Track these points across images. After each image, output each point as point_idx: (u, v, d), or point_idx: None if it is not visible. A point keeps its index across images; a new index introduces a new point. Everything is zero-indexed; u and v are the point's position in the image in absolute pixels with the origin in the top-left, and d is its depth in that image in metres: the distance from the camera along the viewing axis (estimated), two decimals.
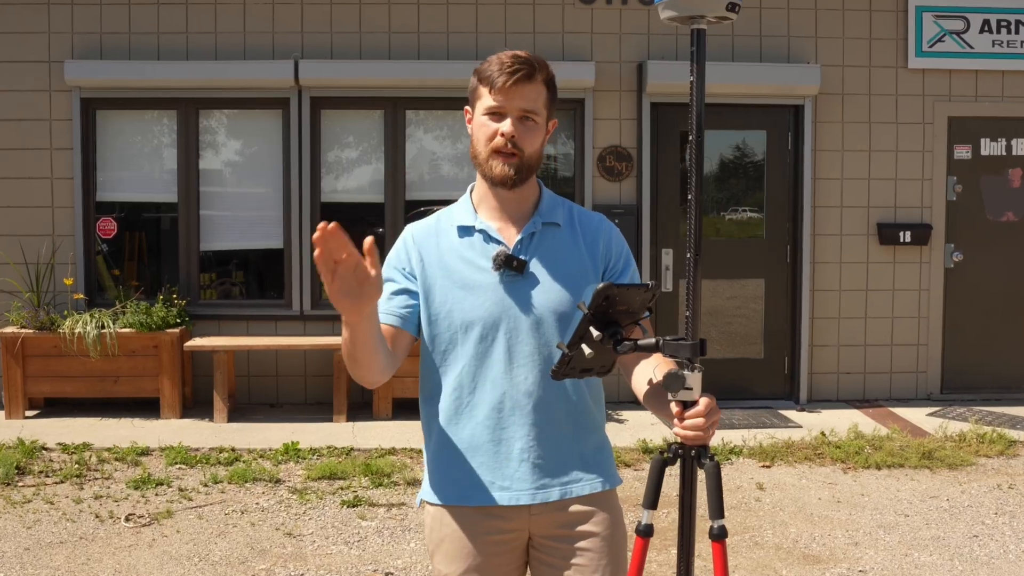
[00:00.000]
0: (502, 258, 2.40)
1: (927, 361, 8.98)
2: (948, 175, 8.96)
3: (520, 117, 2.39)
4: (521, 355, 2.41)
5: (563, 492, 2.44)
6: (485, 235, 2.46)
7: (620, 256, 2.55)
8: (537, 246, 2.47)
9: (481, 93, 2.41)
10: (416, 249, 2.48)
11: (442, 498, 2.47)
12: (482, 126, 2.41)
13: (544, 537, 2.46)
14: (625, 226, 8.53)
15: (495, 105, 2.38)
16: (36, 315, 8.14)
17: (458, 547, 2.45)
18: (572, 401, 2.46)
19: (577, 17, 8.68)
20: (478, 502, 2.43)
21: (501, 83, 2.36)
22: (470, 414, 2.43)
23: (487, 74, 2.39)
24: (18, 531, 5.55)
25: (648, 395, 2.39)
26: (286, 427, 7.86)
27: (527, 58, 2.39)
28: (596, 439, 2.53)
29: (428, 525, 2.53)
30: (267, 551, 5.28)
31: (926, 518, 5.86)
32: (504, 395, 2.41)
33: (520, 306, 2.41)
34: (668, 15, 2.16)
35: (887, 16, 8.83)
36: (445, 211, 2.56)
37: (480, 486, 2.43)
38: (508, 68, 2.36)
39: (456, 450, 2.45)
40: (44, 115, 8.53)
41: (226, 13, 8.57)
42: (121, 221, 8.79)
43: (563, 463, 2.45)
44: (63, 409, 8.39)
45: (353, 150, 8.90)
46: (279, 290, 8.83)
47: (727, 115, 8.84)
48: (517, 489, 2.42)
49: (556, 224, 2.51)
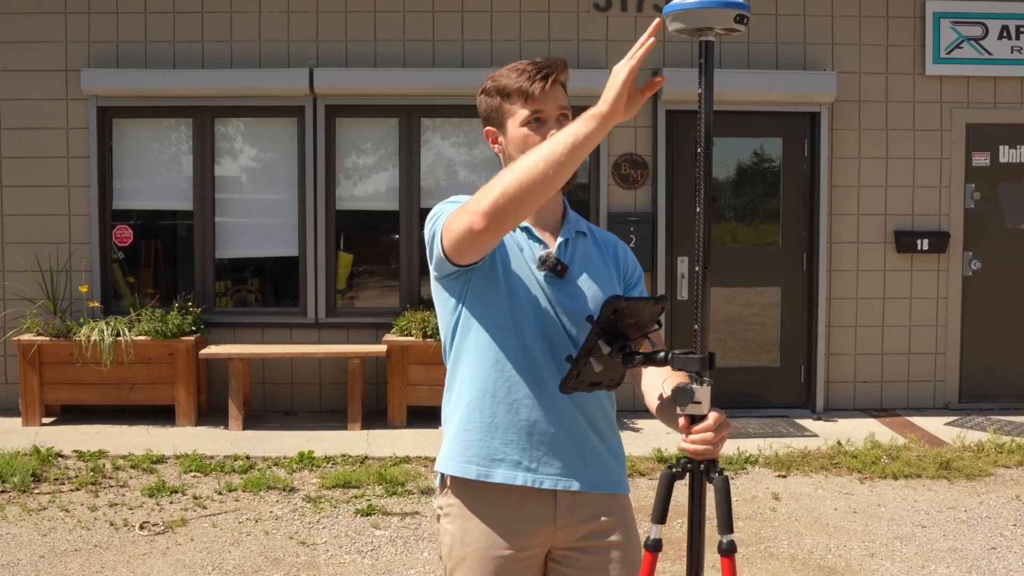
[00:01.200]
0: (551, 260, 2.42)
1: (945, 370, 8.92)
2: (966, 182, 8.90)
3: (558, 117, 2.42)
4: (555, 357, 2.40)
5: (584, 485, 2.44)
6: (529, 232, 2.48)
7: (635, 272, 2.61)
8: (574, 252, 2.51)
9: (510, 108, 2.43)
10: None
11: (463, 472, 2.43)
12: (526, 136, 2.41)
13: (564, 549, 2.46)
14: (640, 234, 8.52)
15: (535, 111, 2.40)
16: (52, 322, 8.18)
17: (479, 566, 2.43)
18: (601, 403, 2.48)
19: (592, 25, 8.67)
20: (500, 479, 2.41)
21: (539, 89, 2.38)
22: (506, 396, 2.41)
23: (516, 87, 2.41)
24: (33, 538, 5.57)
25: (660, 408, 2.38)
26: (301, 435, 7.86)
27: (544, 61, 2.43)
28: (617, 441, 2.56)
29: (447, 544, 2.49)
30: (280, 560, 5.28)
31: (943, 529, 5.81)
32: (536, 388, 2.40)
33: (558, 307, 2.43)
34: (676, 27, 2.14)
35: (904, 23, 8.79)
36: None
37: (505, 463, 2.41)
38: (538, 74, 2.39)
39: (485, 425, 2.43)
40: (61, 123, 8.58)
41: (241, 22, 8.60)
42: (137, 229, 8.83)
43: (587, 458, 2.45)
44: (79, 416, 8.42)
45: (368, 158, 8.91)
46: (294, 298, 8.84)
47: (743, 122, 8.82)
48: (542, 473, 2.41)
49: (584, 233, 2.56)
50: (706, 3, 2.09)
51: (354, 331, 8.67)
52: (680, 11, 2.12)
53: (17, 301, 8.53)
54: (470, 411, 2.45)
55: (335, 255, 8.80)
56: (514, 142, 2.43)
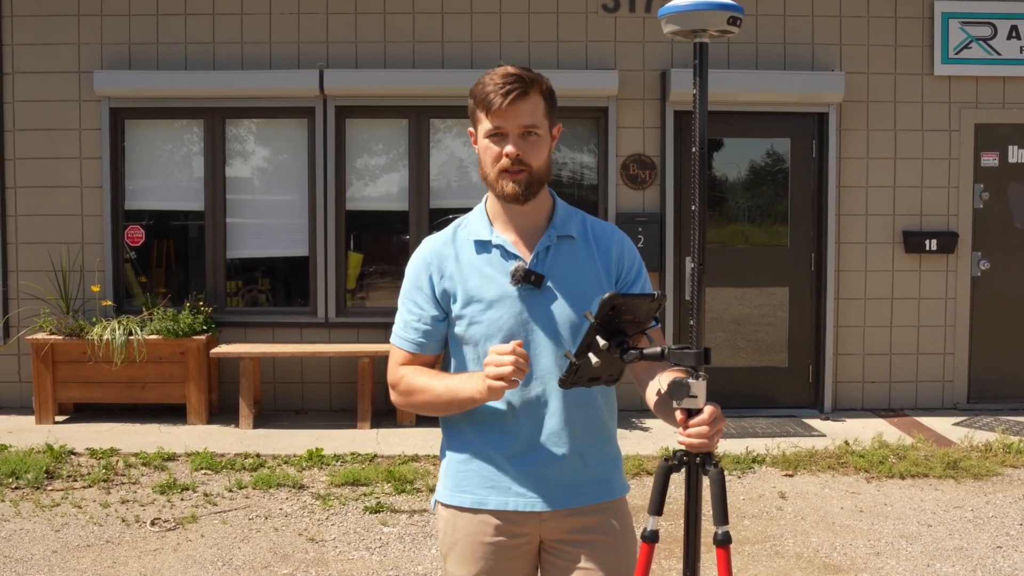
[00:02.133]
0: (521, 273, 2.44)
1: (953, 370, 8.92)
2: (975, 183, 8.91)
3: (522, 134, 2.42)
4: (539, 367, 2.46)
5: (576, 500, 2.49)
6: (503, 250, 2.50)
7: (632, 266, 2.58)
8: (553, 260, 2.51)
9: (480, 116, 2.45)
10: (436, 267, 2.53)
11: (457, 501, 2.52)
12: (486, 148, 2.45)
13: (555, 541, 2.51)
14: (648, 234, 8.55)
15: (495, 127, 2.42)
16: (65, 322, 8.25)
17: (471, 551, 2.49)
18: (588, 412, 2.51)
19: (600, 26, 8.71)
20: (492, 506, 2.48)
21: (497, 104, 2.38)
22: (488, 423, 2.48)
23: (482, 97, 2.41)
24: (47, 534, 5.64)
25: (658, 404, 2.42)
26: (311, 433, 7.92)
27: (519, 75, 2.41)
28: (609, 450, 2.59)
29: (441, 528, 2.58)
30: (290, 556, 5.33)
31: (949, 528, 5.83)
32: (522, 405, 2.46)
33: (538, 319, 2.46)
34: (671, 29, 2.19)
35: (912, 23, 8.80)
36: (461, 222, 2.60)
37: (495, 492, 2.48)
38: (502, 89, 2.38)
39: (473, 456, 2.51)
40: (74, 125, 8.66)
41: (252, 24, 8.67)
42: (149, 229, 8.90)
43: (577, 472, 2.50)
44: (91, 414, 8.50)
45: (378, 158, 8.97)
46: (304, 298, 8.90)
47: (751, 123, 8.85)
48: (532, 496, 2.47)
49: (571, 236, 2.54)
50: (700, 5, 2.14)
51: (364, 331, 8.72)
52: (675, 13, 2.16)
53: (30, 300, 8.61)
54: (458, 443, 2.55)
55: (345, 255, 8.86)
56: (480, 150, 2.49)
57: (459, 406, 2.43)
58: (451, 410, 2.47)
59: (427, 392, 2.48)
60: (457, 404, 2.42)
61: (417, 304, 2.53)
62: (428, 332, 2.54)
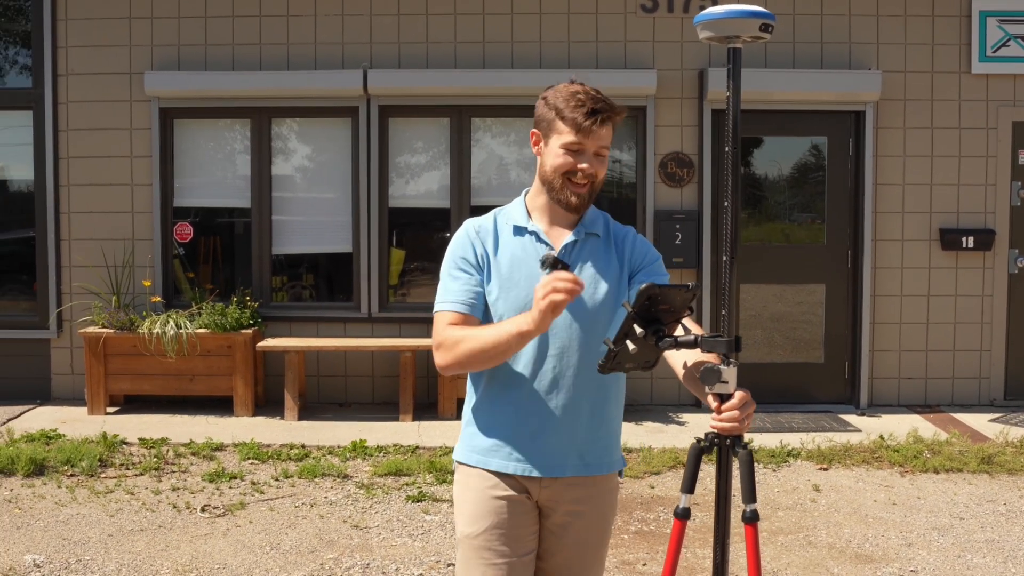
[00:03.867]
0: (550, 260, 2.61)
1: (990, 367, 8.95)
2: (1012, 180, 8.93)
3: (595, 153, 2.66)
4: (555, 347, 2.67)
5: (574, 470, 2.72)
6: (536, 237, 2.73)
7: (646, 256, 2.80)
8: (579, 252, 2.74)
9: (559, 127, 2.65)
10: (479, 241, 2.74)
11: (467, 459, 2.76)
12: (559, 157, 2.66)
13: (551, 507, 2.74)
14: (686, 232, 8.66)
15: (576, 142, 2.63)
16: (117, 316, 8.49)
17: (479, 507, 2.71)
18: (597, 392, 2.73)
19: (639, 26, 8.83)
20: (495, 468, 2.70)
21: (586, 126, 2.60)
22: (505, 394, 2.71)
23: (570, 115, 2.62)
24: (102, 519, 5.86)
25: (687, 376, 2.61)
26: (354, 425, 8.10)
27: (608, 103, 2.63)
28: (612, 427, 2.81)
29: (455, 489, 2.82)
30: (335, 542, 5.51)
31: (982, 521, 5.91)
32: (537, 379, 2.68)
33: None
34: (706, 35, 2.33)
35: (950, 21, 8.84)
36: (501, 211, 2.84)
37: (501, 455, 2.71)
38: (592, 112, 2.59)
39: (485, 420, 2.75)
40: (125, 124, 8.91)
41: (297, 25, 8.87)
42: (197, 226, 9.13)
43: (578, 446, 2.72)
44: (141, 406, 8.74)
45: (420, 156, 9.14)
46: (348, 293, 9.10)
47: (789, 121, 8.92)
48: (534, 463, 2.69)
49: (596, 234, 2.78)
50: (733, 13, 2.27)
51: (406, 325, 8.90)
52: (710, 21, 2.31)
53: (83, 295, 8.87)
54: (477, 408, 2.78)
55: (388, 252, 9.04)
56: (551, 155, 2.69)
57: (505, 346, 2.51)
58: (496, 355, 2.55)
59: (474, 338, 2.57)
60: (503, 343, 2.50)
61: (464, 270, 2.71)
62: (479, 295, 2.69)
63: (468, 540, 2.70)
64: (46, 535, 5.58)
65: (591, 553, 2.79)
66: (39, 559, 5.21)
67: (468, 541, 2.70)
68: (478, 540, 2.68)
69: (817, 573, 5.11)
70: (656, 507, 6.15)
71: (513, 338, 2.48)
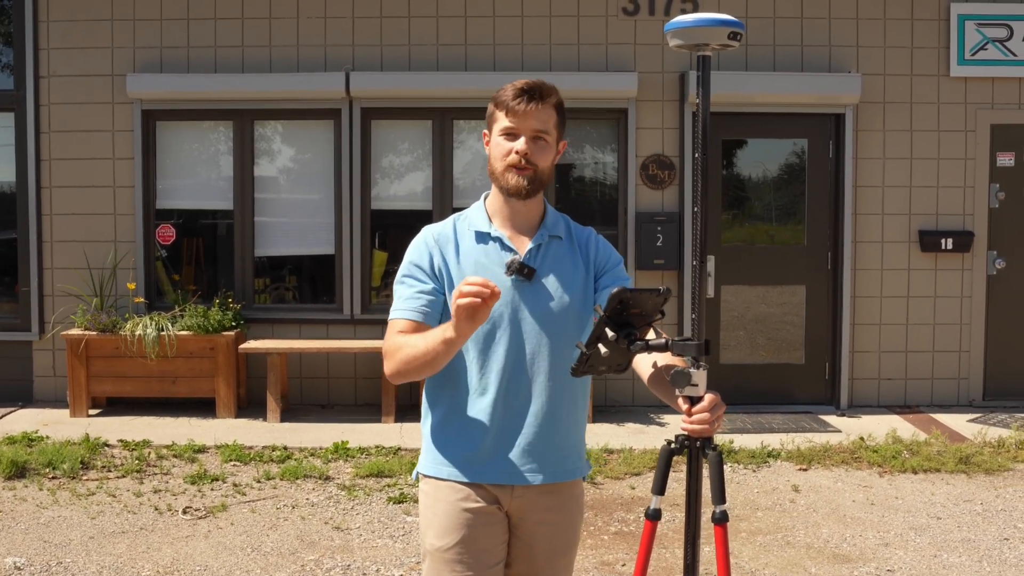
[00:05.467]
0: (515, 265, 2.64)
1: (969, 368, 9.03)
2: (991, 182, 9.01)
3: (533, 137, 2.65)
4: (524, 352, 2.67)
5: (547, 477, 2.71)
6: (500, 243, 2.73)
7: (609, 259, 2.81)
8: (544, 256, 2.73)
9: (497, 117, 2.69)
10: (437, 249, 2.74)
11: (436, 472, 2.72)
12: (498, 145, 2.69)
13: (522, 515, 2.72)
14: (667, 233, 8.70)
15: (510, 126, 2.65)
16: (99, 318, 8.49)
17: (451, 521, 2.67)
18: (567, 398, 2.72)
19: (620, 29, 8.87)
20: (468, 478, 2.68)
21: (515, 106, 2.62)
22: (472, 401, 2.68)
23: (502, 99, 2.66)
24: (83, 521, 5.86)
25: (652, 378, 2.62)
26: (336, 427, 8.12)
27: (538, 83, 2.66)
28: (580, 433, 2.82)
29: (423, 502, 2.77)
30: (316, 543, 5.53)
31: (958, 521, 5.96)
32: (504, 386, 2.66)
33: (527, 308, 2.67)
34: (676, 43, 2.36)
35: (929, 25, 8.91)
36: (459, 216, 2.83)
37: (473, 465, 2.68)
38: (522, 93, 2.63)
39: (453, 431, 2.71)
40: (107, 126, 8.90)
41: (280, 27, 8.88)
42: (179, 228, 9.13)
43: (550, 452, 2.71)
44: (123, 408, 8.73)
45: (402, 158, 9.16)
46: (330, 295, 9.11)
47: (769, 124, 8.98)
48: (506, 471, 2.68)
49: (559, 237, 2.78)
50: (702, 21, 2.31)
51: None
52: (679, 29, 2.34)
53: (64, 297, 8.86)
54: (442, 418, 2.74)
55: (370, 253, 9.06)
56: (492, 146, 2.73)
57: (435, 354, 2.48)
58: (429, 361, 2.51)
59: (409, 346, 2.55)
60: (433, 351, 2.48)
61: (417, 278, 2.71)
62: (432, 302, 2.67)
63: (439, 553, 2.66)
64: (27, 537, 5.58)
65: (560, 560, 2.79)
66: (20, 561, 5.22)
67: (439, 554, 2.66)
68: (449, 553, 2.65)
69: (795, 573, 5.15)
70: (636, 508, 6.19)
71: (440, 346, 2.46)
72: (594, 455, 7.17)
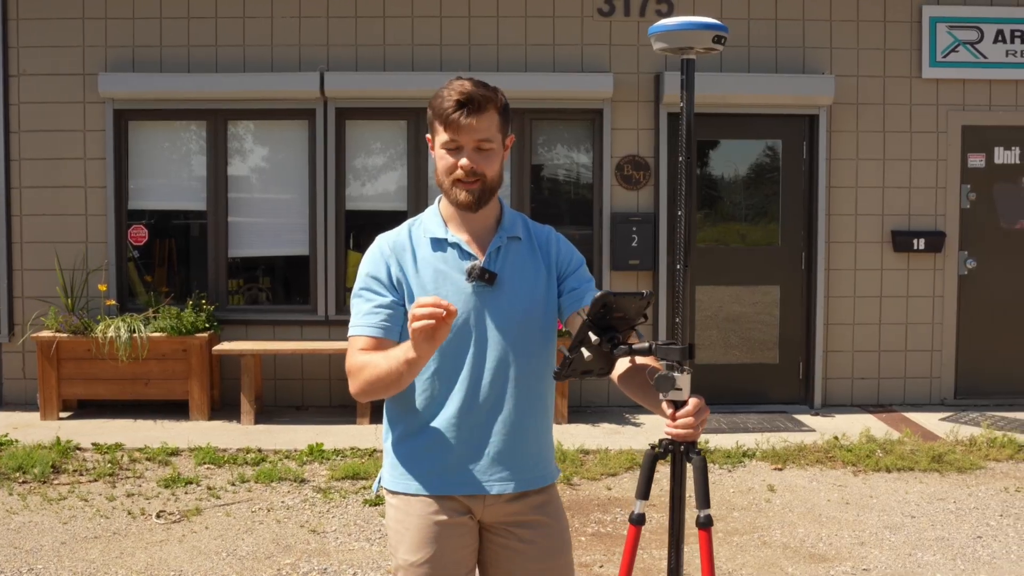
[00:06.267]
0: (476, 271, 2.58)
1: (941, 367, 9.11)
2: (962, 183, 9.08)
3: (476, 147, 2.56)
4: (489, 359, 2.60)
5: (518, 485, 2.65)
6: (459, 249, 2.64)
7: (571, 260, 2.75)
8: (504, 259, 2.66)
9: (437, 127, 2.58)
10: (394, 259, 2.64)
11: (404, 488, 2.65)
12: (441, 158, 2.59)
13: (497, 524, 2.67)
14: (642, 234, 8.72)
15: (450, 139, 2.55)
16: (70, 320, 8.40)
17: (422, 535, 2.61)
18: (534, 404, 2.67)
19: (596, 29, 8.87)
20: (438, 491, 2.62)
21: (454, 120, 2.52)
22: (436, 412, 2.61)
23: (440, 110, 2.55)
24: (55, 526, 5.79)
25: (623, 376, 2.59)
26: (311, 429, 8.08)
27: (475, 92, 2.54)
28: (549, 438, 2.77)
29: (392, 516, 2.70)
30: (292, 547, 5.49)
31: (932, 519, 6.01)
32: (471, 395, 2.60)
33: (490, 314, 2.61)
34: (660, 47, 2.35)
35: (901, 27, 8.97)
36: (414, 221, 2.73)
37: (442, 478, 2.62)
38: (458, 106, 2.52)
39: (420, 443, 2.64)
40: (78, 126, 8.81)
41: (254, 27, 8.82)
42: (152, 228, 9.05)
43: (520, 459, 2.66)
44: (94, 411, 8.65)
45: (377, 159, 9.13)
46: (305, 296, 9.06)
47: (744, 125, 9.02)
48: (477, 481, 2.62)
49: (518, 237, 2.71)
50: (687, 25, 2.30)
51: None
52: (664, 32, 2.33)
53: (36, 299, 8.76)
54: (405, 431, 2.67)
55: (345, 254, 9.02)
56: (436, 157, 2.62)
57: (398, 374, 2.43)
58: (394, 381, 2.47)
59: (372, 366, 2.49)
60: (396, 371, 2.43)
61: (375, 292, 2.61)
62: (391, 316, 2.59)
63: (412, 568, 2.61)
64: None
65: (555, 562, 2.72)
66: None
67: (412, 569, 2.61)
68: (422, 569, 2.60)
69: (772, 573, 5.17)
70: (613, 508, 6.19)
71: (403, 366, 2.41)
72: (570, 456, 7.17)
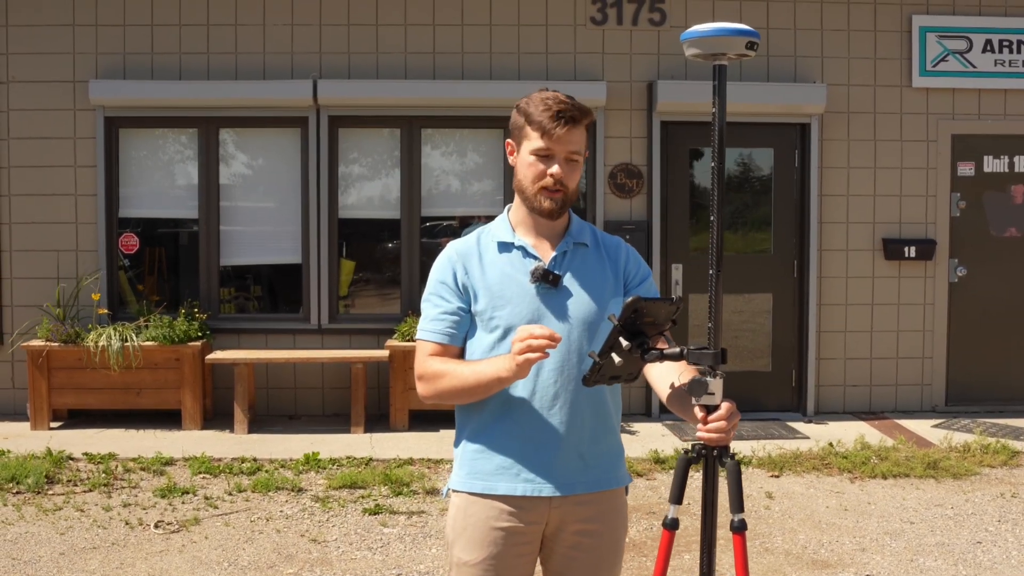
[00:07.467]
0: (540, 272, 2.63)
1: (932, 374, 9.15)
2: (952, 191, 9.15)
3: (566, 158, 2.64)
4: (552, 360, 2.62)
5: (584, 487, 2.67)
6: (523, 251, 2.70)
7: (639, 271, 2.80)
8: (569, 263, 2.71)
9: (529, 134, 2.65)
10: (461, 264, 2.71)
11: (470, 487, 2.69)
12: (531, 165, 2.65)
13: (561, 527, 2.68)
14: (636, 242, 8.72)
15: (544, 147, 2.62)
16: (61, 329, 8.33)
17: (481, 536, 2.65)
18: (596, 404, 2.69)
19: (589, 38, 8.89)
20: (503, 492, 2.64)
21: (552, 128, 2.59)
22: (503, 412, 2.65)
23: (537, 118, 2.62)
24: (52, 537, 5.74)
25: (671, 397, 2.61)
26: (305, 438, 8.04)
27: (574, 105, 2.62)
28: (614, 440, 2.78)
29: (452, 515, 2.73)
30: (294, 556, 5.46)
31: (931, 525, 6.03)
32: (535, 396, 2.63)
33: (553, 315, 2.64)
34: (692, 52, 2.36)
35: (891, 36, 9.03)
36: (484, 229, 2.80)
37: (507, 478, 2.65)
38: (559, 116, 2.59)
39: (487, 444, 2.68)
40: (69, 133, 8.75)
41: (246, 34, 8.79)
42: (143, 236, 8.99)
43: (585, 461, 2.68)
44: (85, 421, 8.57)
45: (370, 167, 9.11)
46: (297, 304, 9.02)
47: (735, 133, 9.02)
48: (541, 482, 2.64)
49: (585, 244, 2.76)
50: (720, 31, 2.31)
51: (356, 337, 8.85)
52: (696, 38, 2.34)
53: (25, 308, 8.69)
54: (473, 432, 2.71)
55: (338, 262, 8.99)
56: (522, 163, 2.68)
57: (484, 388, 2.55)
58: (476, 394, 2.59)
59: (455, 376, 2.60)
60: (483, 386, 2.55)
61: (443, 297, 2.70)
62: (457, 322, 2.68)
63: (466, 567, 2.66)
64: None
65: (606, 573, 2.74)
66: None
67: (466, 568, 2.66)
68: (476, 569, 2.64)
69: None
70: None
71: (492, 382, 2.52)
72: None
